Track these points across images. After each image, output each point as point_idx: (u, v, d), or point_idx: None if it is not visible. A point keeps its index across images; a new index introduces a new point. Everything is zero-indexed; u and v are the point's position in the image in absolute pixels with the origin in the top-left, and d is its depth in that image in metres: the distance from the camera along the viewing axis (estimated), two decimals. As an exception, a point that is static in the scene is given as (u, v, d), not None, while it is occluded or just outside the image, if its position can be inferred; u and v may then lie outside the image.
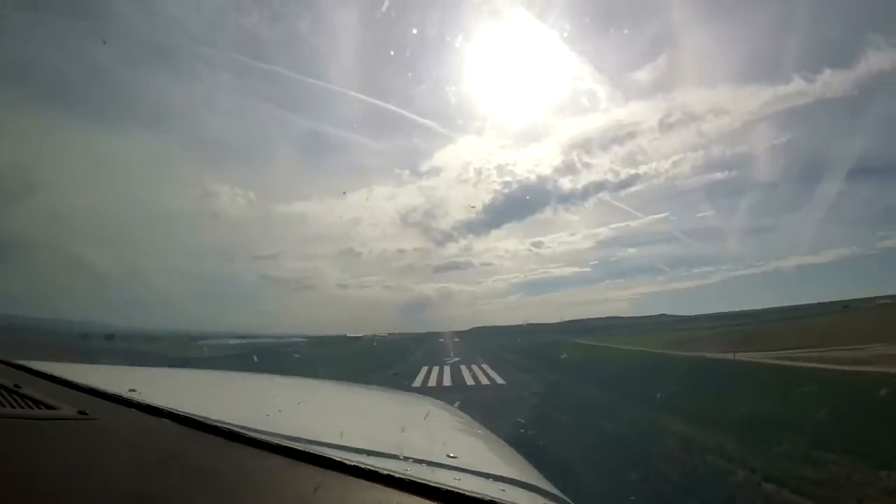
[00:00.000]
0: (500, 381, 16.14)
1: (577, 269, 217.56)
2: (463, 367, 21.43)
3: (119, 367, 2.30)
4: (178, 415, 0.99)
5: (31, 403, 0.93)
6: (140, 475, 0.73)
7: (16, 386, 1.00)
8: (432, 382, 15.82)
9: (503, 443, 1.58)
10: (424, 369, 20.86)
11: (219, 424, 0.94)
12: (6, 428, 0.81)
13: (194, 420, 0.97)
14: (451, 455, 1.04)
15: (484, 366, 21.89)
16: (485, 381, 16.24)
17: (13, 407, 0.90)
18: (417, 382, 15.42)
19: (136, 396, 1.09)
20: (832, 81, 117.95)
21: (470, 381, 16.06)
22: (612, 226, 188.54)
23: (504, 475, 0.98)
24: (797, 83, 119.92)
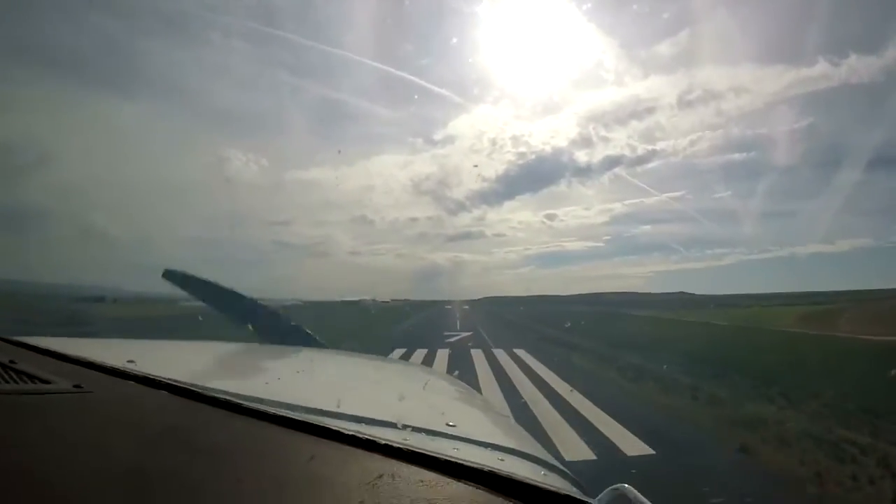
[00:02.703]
0: (635, 447, 4.99)
1: (590, 244, 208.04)
2: (477, 358, 10.43)
3: (115, 340, 2.40)
4: (174, 386, 1.00)
5: (26, 378, 0.93)
6: (136, 447, 0.73)
7: (11, 362, 1.00)
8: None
9: (502, 413, 1.55)
10: (397, 355, 10.07)
11: (216, 395, 0.95)
12: (1, 404, 0.81)
13: (191, 391, 0.98)
14: (450, 424, 1.03)
15: (520, 352, 10.92)
16: (565, 430, 5.10)
17: (8, 382, 0.90)
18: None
19: (131, 368, 1.09)
20: (858, 67, 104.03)
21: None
22: (627, 202, 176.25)
23: (503, 445, 0.99)
24: (822, 66, 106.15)
